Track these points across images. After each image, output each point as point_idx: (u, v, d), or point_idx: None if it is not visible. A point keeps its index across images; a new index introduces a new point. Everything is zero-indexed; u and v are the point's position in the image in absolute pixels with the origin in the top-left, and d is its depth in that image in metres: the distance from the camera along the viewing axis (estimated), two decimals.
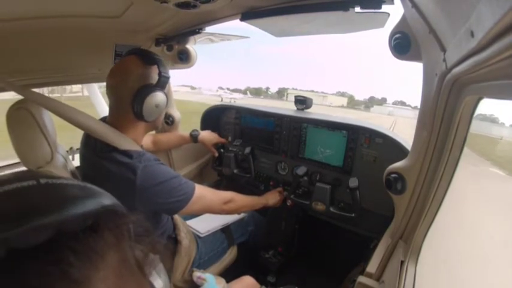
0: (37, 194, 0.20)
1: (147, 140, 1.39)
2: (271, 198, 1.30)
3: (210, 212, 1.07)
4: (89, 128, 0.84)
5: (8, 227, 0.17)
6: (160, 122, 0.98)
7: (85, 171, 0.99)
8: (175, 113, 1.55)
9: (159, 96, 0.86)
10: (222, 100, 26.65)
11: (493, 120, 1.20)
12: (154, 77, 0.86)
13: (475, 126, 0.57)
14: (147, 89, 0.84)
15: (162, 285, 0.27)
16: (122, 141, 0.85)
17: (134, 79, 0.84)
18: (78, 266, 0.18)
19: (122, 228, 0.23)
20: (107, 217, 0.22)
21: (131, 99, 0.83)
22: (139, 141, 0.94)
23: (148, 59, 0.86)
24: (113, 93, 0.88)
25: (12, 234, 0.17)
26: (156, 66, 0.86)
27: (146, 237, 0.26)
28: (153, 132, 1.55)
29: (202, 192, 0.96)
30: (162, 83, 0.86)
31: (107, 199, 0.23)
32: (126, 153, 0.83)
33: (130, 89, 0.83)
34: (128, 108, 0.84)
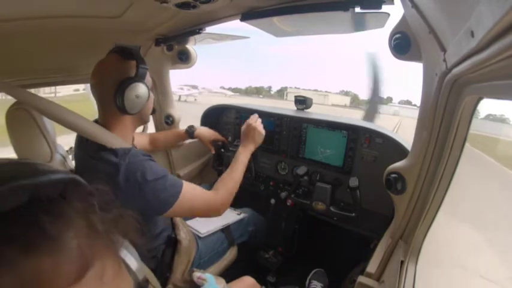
0: (12, 166, 0.24)
1: (145, 139, 1.39)
2: (251, 137, 1.15)
3: (200, 215, 1.02)
4: (80, 129, 0.83)
5: None
6: (146, 114, 0.97)
7: (80, 172, 0.98)
8: (175, 113, 1.55)
9: (138, 87, 0.85)
10: (179, 99, 22.68)
11: None
12: (133, 70, 0.85)
13: None
14: (126, 81, 0.84)
15: (137, 266, 0.29)
16: (110, 139, 0.84)
17: (113, 75, 0.84)
18: (53, 225, 0.21)
19: (87, 200, 0.26)
20: (73, 187, 0.25)
21: (113, 95, 0.83)
22: (128, 137, 0.92)
23: (125, 54, 0.86)
24: (96, 92, 0.88)
25: None
26: (134, 60, 0.86)
27: (112, 209, 0.28)
28: (153, 132, 1.55)
29: (191, 192, 0.91)
30: (141, 73, 0.86)
31: (73, 175, 0.26)
32: (113, 151, 0.82)
33: (111, 85, 0.83)
34: (111, 104, 0.84)
